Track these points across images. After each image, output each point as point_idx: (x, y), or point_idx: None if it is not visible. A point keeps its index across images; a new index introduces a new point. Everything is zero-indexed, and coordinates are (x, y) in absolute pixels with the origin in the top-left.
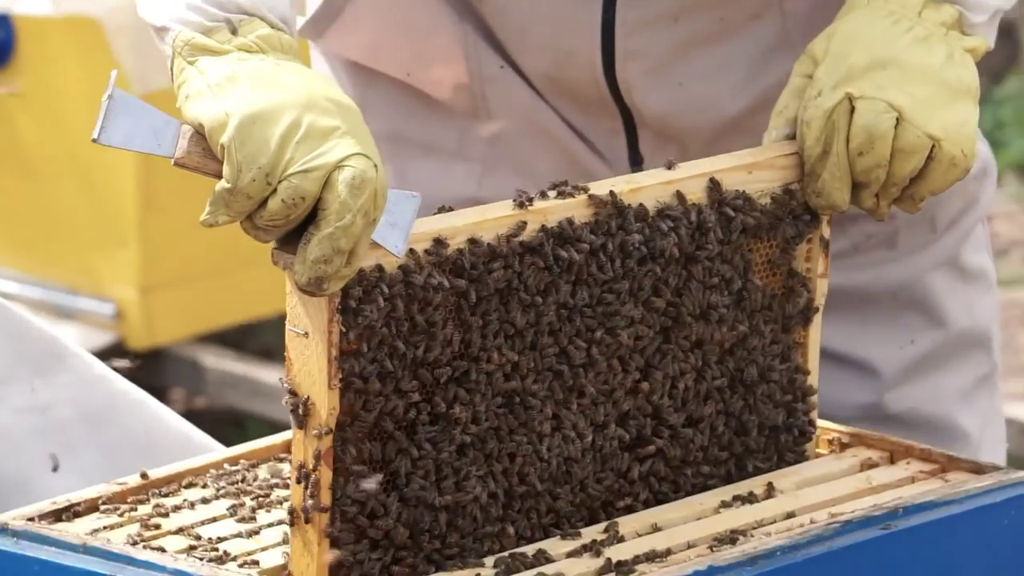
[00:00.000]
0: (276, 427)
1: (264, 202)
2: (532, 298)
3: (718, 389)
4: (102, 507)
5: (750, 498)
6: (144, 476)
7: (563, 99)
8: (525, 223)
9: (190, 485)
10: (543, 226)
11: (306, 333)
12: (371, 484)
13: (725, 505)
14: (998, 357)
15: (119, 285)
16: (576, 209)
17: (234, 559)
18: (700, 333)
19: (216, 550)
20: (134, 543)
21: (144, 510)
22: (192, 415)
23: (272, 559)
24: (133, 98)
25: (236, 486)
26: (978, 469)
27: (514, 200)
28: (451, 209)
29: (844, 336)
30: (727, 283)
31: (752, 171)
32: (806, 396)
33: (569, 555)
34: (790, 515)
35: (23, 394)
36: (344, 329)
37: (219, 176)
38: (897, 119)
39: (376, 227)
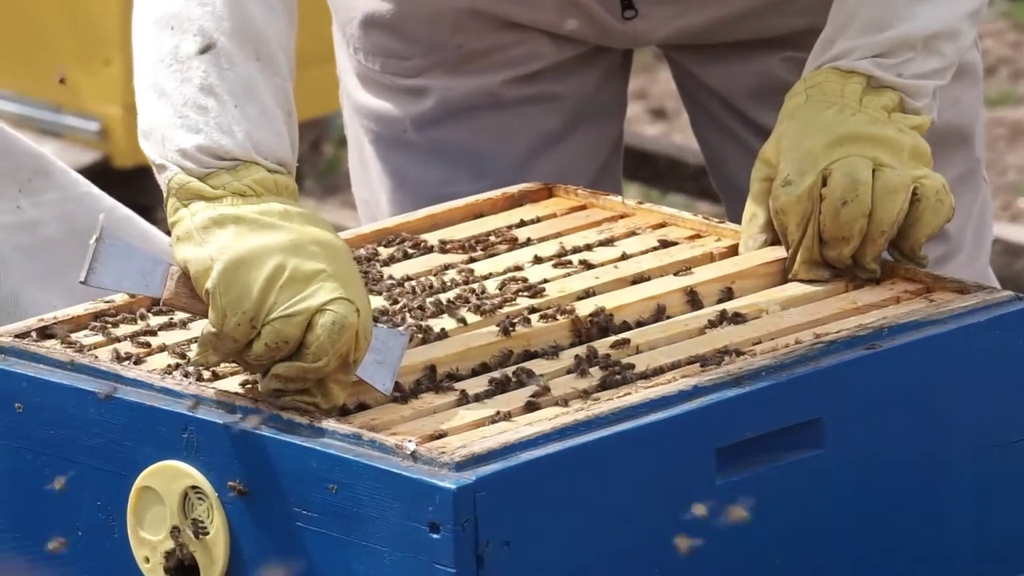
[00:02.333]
0: None
1: (251, 343)
2: None
3: None
4: (90, 325)
5: (735, 318)
6: (131, 297)
7: None
8: (511, 351)
9: None
10: (527, 351)
11: None
12: None
13: (711, 325)
14: (981, 154)
15: (104, 103)
16: (559, 331)
17: (221, 378)
18: None
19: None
20: (121, 360)
21: (131, 328)
22: None
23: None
24: (122, 240)
25: None
26: (963, 289)
27: (498, 326)
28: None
29: None
30: None
31: (735, 281)
32: None
33: (555, 374)
34: (775, 336)
35: (10, 211)
36: None
37: (206, 316)
38: (873, 170)
39: (362, 365)
